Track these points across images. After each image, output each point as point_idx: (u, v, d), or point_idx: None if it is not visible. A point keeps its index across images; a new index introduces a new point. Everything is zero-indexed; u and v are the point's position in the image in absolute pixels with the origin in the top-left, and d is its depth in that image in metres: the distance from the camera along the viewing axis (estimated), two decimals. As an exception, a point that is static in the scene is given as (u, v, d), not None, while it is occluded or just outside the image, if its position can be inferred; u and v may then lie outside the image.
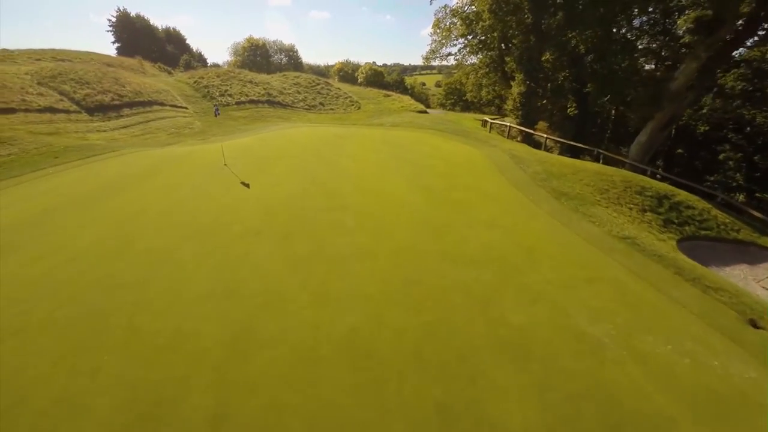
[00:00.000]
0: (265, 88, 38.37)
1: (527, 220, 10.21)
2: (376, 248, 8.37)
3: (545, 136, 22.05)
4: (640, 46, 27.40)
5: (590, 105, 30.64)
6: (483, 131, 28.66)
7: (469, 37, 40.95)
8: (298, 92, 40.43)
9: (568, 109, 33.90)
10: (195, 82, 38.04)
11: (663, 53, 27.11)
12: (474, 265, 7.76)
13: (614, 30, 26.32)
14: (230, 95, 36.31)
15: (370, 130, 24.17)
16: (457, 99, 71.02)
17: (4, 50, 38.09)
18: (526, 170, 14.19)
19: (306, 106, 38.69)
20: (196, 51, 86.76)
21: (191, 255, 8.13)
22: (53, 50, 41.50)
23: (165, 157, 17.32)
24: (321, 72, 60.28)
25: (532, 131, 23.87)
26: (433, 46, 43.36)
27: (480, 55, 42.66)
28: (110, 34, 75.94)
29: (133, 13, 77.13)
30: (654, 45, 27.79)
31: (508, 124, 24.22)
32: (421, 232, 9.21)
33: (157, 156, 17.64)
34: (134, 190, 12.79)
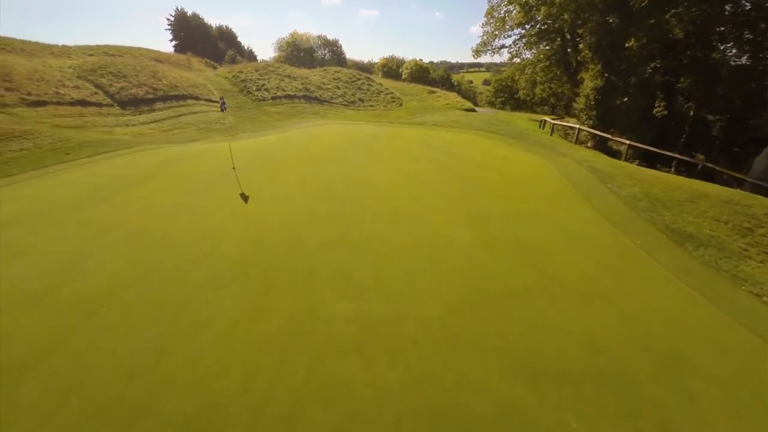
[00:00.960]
0: (303, 83, 36.11)
1: (644, 288, 6.20)
2: (394, 336, 4.97)
3: (627, 142, 17.30)
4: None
5: (678, 105, 24.86)
6: (543, 134, 24.13)
7: (527, 27, 35.97)
8: (338, 87, 37.78)
9: (655, 109, 27.94)
10: (233, 76, 36.59)
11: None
12: (572, 402, 4.12)
13: (727, 9, 20.59)
14: (267, 90, 34.39)
15: (409, 129, 20.73)
16: (508, 97, 65.38)
17: (64, 46, 38.97)
18: (619, 192, 10.12)
19: (344, 102, 35.95)
20: (247, 48, 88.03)
21: (115, 319, 5.26)
22: (107, 46, 42.07)
23: (173, 157, 15.11)
24: (365, 68, 57.55)
25: (609, 135, 19.17)
26: (484, 38, 38.74)
27: (538, 48, 37.52)
28: (168, 32, 78.59)
29: (189, 13, 79.34)
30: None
31: (577, 126, 19.73)
32: (470, 305, 5.65)
33: (166, 155, 15.50)
34: (116, 198, 10.38)
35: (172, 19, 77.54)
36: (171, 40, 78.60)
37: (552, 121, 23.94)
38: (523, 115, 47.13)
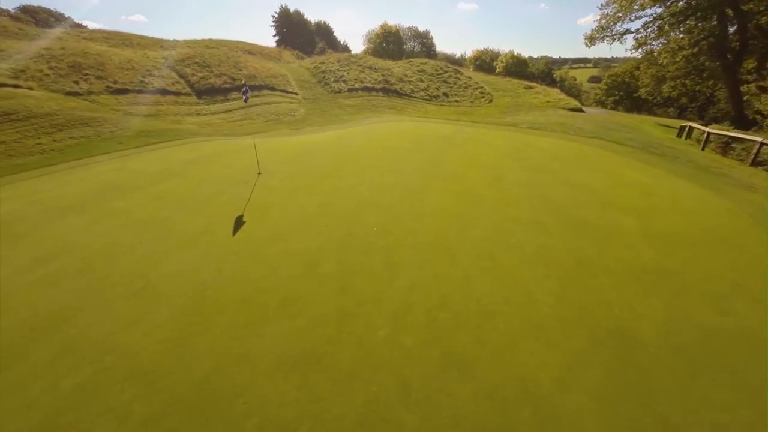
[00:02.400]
0: (383, 75, 33.05)
1: None
2: None
3: None
4: None
5: None
6: (689, 147, 17.19)
7: (668, 3, 27.50)
8: (421, 80, 33.93)
9: None
10: (315, 67, 35.17)
11: None
12: None
13: None
14: (344, 81, 32.12)
15: (496, 132, 16.06)
16: (624, 96, 54.38)
17: (174, 40, 41.89)
18: None
19: (426, 97, 32.00)
20: (343, 42, 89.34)
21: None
22: (210, 39, 44.33)
23: (210, 153, 13.06)
24: (455, 61, 52.58)
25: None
26: (603, 21, 30.90)
27: (678, 30, 28.61)
28: (272, 28, 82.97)
29: (292, 10, 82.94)
30: None
31: (759, 139, 12.78)
32: None
33: (205, 150, 13.58)
34: (104, 206, 8.27)
35: (276, 16, 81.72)
36: (274, 36, 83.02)
37: (706, 129, 16.83)
38: (646, 117, 37.64)
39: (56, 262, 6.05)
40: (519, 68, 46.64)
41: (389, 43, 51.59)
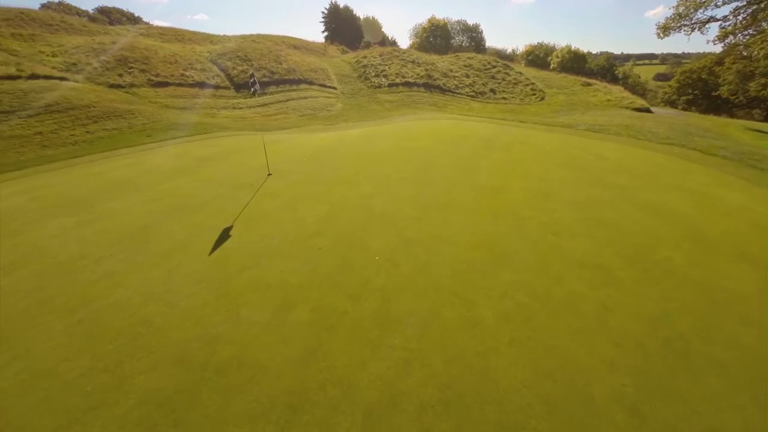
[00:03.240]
0: (426, 70, 31.16)
1: None
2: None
3: None
4: None
5: None
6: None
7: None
8: (467, 75, 31.63)
9: None
10: (356, 61, 34.06)
11: None
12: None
13: None
14: (385, 76, 30.67)
15: (547, 134, 13.80)
16: (699, 95, 47.75)
17: (224, 35, 42.83)
18: None
19: (472, 93, 29.71)
20: (391, 38, 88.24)
21: None
22: (258, 34, 44.82)
23: (228, 149, 12.24)
24: (506, 57, 49.01)
25: None
26: (681, 9, 26.53)
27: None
28: (322, 24, 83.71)
29: (341, 5, 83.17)
30: None
31: None
32: None
33: (225, 146, 12.81)
34: (97, 207, 7.58)
35: (326, 11, 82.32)
36: (323, 32, 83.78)
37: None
38: (729, 120, 32.30)
39: (13, 275, 5.25)
40: (576, 64, 42.29)
41: (436, 37, 49.23)
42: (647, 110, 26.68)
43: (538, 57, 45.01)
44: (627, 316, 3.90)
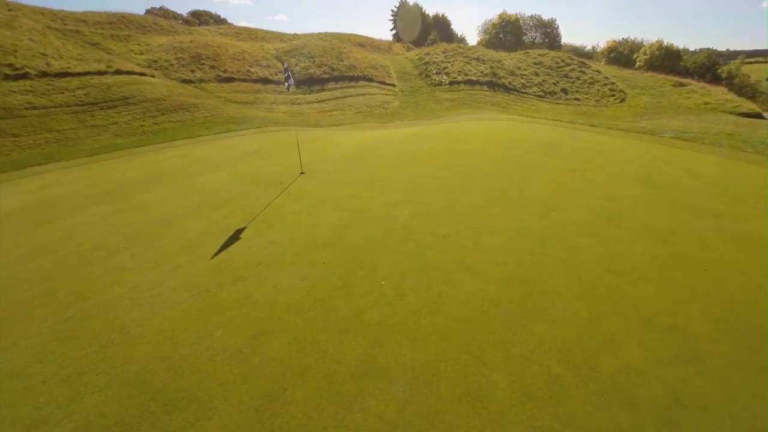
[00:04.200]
0: (491, 67, 29.20)
1: None
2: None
3: None
4: None
5: None
6: None
7: None
8: (536, 74, 29.07)
9: None
10: (419, 58, 33.10)
11: None
12: None
13: None
14: (447, 73, 29.35)
15: (623, 140, 11.73)
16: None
17: (294, 34, 44.60)
18: None
19: (540, 92, 27.22)
20: (460, 35, 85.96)
21: None
22: (325, 33, 45.92)
23: (271, 145, 12.19)
24: (584, 54, 44.23)
25: None
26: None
27: None
28: (390, 22, 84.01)
29: (411, 3, 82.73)
30: None
31: None
32: None
33: (270, 141, 12.79)
34: (133, 197, 7.82)
35: (395, 9, 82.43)
36: (391, 30, 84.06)
37: None
38: None
39: (34, 262, 5.41)
40: (667, 61, 36.49)
41: (506, 33, 46.13)
42: (758, 116, 22.09)
43: (622, 54, 39.80)
44: (710, 419, 2.66)
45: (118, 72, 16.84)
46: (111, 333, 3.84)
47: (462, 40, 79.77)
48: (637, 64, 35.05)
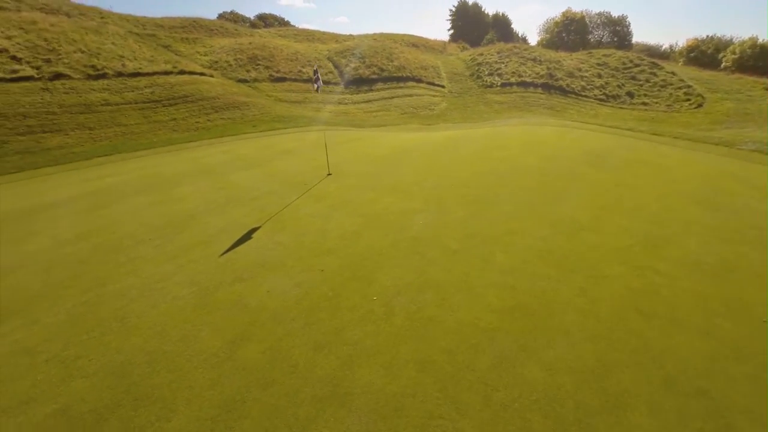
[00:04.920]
0: (548, 68, 27.43)
1: None
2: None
3: None
4: None
5: None
6: None
7: None
8: (598, 75, 26.81)
9: None
10: (472, 59, 32.11)
11: None
12: None
13: None
14: (499, 75, 28.11)
15: (690, 153, 10.25)
16: None
17: (350, 35, 45.40)
18: None
19: (602, 96, 25.07)
20: (521, 35, 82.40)
21: None
22: (380, 33, 46.22)
23: (308, 144, 12.43)
24: (658, 54, 39.76)
25: None
26: None
27: None
28: (448, 22, 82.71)
29: (470, 2, 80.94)
30: None
31: None
32: None
33: (306, 140, 13.06)
34: (170, 191, 8.36)
35: (453, 9, 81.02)
36: (448, 30, 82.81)
37: None
38: None
39: (75, 246, 5.95)
40: (762, 61, 31.45)
41: (569, 32, 42.98)
42: None
43: (704, 53, 35.10)
44: None
45: (182, 72, 18.29)
46: (113, 321, 4.05)
47: (523, 40, 76.33)
48: (723, 64, 30.80)
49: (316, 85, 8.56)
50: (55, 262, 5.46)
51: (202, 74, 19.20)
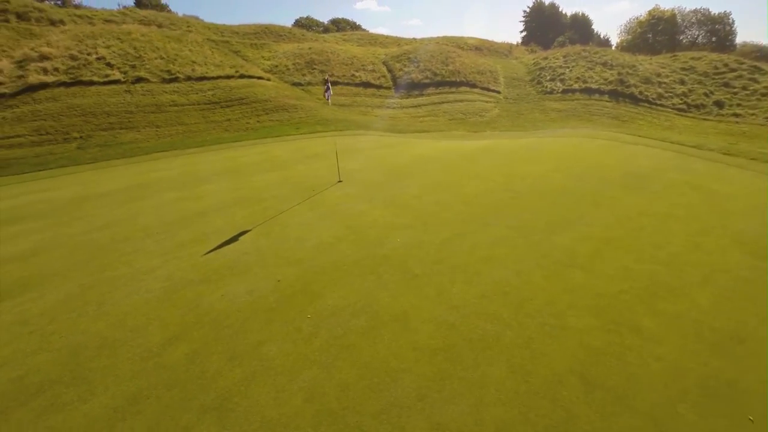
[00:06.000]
0: (619, 74, 24.72)
1: None
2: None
3: None
4: None
5: None
6: None
7: None
8: (681, 82, 23.51)
9: None
10: (534, 63, 30.23)
11: None
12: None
13: None
14: (561, 80, 26.07)
15: (759, 180, 8.52)
16: None
17: (413, 38, 45.38)
18: None
19: (682, 105, 21.98)
20: (604, 36, 75.83)
21: None
22: (444, 36, 45.51)
23: (339, 148, 12.71)
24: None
25: None
26: None
27: None
28: (521, 24, 78.85)
29: (546, 3, 76.33)
30: None
31: None
32: None
33: (338, 144, 13.31)
34: (196, 188, 9.18)
35: (528, 10, 76.98)
36: (521, 31, 78.92)
37: None
38: None
39: (104, 231, 6.86)
40: None
41: (656, 32, 38.06)
42: None
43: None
44: None
45: (242, 76, 19.91)
46: (92, 305, 4.59)
47: (605, 42, 69.84)
48: None
49: (326, 95, 8.75)
50: (80, 245, 6.35)
51: (260, 78, 20.71)
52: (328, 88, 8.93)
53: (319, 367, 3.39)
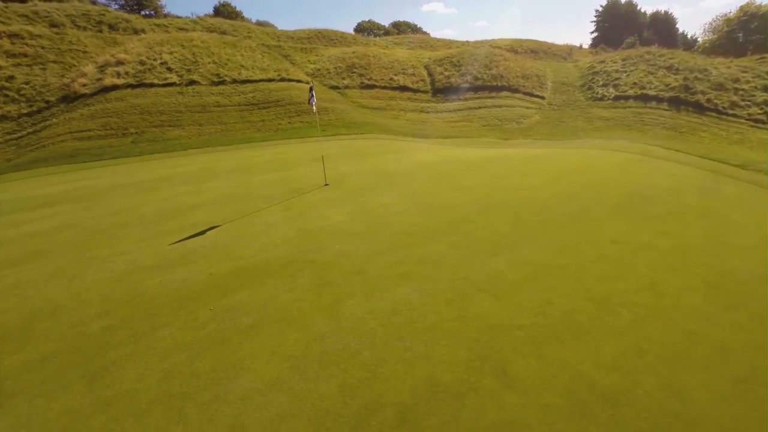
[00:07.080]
0: (685, 79, 21.94)
1: None
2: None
3: None
4: None
5: None
6: None
7: None
8: (765, 89, 20.21)
9: None
10: (589, 66, 27.97)
11: None
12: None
13: None
14: (614, 86, 23.89)
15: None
16: None
17: (466, 42, 44.33)
18: None
19: (761, 116, 18.97)
20: (692, 36, 67.74)
21: None
22: (500, 39, 43.66)
23: (350, 152, 13.19)
24: None
25: None
26: None
27: None
28: (592, 24, 73.24)
29: (623, 1, 69.93)
30: None
31: None
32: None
33: (350, 148, 13.80)
34: (203, 184, 10.24)
35: (601, 9, 71.10)
36: (591, 32, 73.19)
37: None
38: None
39: (115, 217, 8.08)
40: None
41: (747, 31, 32.71)
42: None
43: None
44: None
45: (282, 79, 21.32)
46: (66, 279, 5.55)
47: (692, 42, 62.18)
48: None
49: (311, 102, 9.19)
50: (87, 228, 7.57)
51: (298, 81, 21.99)
52: (312, 96, 9.38)
53: (189, 354, 3.85)
